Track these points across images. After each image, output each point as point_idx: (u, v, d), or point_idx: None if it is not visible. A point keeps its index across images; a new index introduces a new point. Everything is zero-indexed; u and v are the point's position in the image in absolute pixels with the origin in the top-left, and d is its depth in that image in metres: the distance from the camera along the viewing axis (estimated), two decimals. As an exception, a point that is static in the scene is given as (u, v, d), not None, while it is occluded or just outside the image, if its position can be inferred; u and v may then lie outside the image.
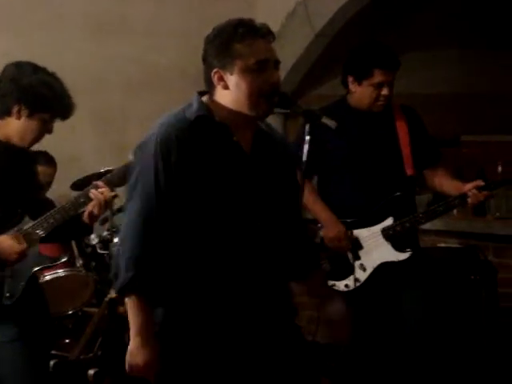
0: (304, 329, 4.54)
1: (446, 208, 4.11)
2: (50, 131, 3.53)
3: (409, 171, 4.13)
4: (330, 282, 4.07)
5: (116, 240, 5.12)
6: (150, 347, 2.64)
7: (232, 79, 2.63)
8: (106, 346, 4.79)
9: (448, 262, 4.89)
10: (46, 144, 3.83)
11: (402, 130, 4.15)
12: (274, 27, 6.62)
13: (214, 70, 2.63)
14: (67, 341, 4.93)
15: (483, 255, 4.88)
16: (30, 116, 3.44)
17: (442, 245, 5.12)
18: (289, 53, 6.32)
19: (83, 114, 5.95)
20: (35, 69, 3.50)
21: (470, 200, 4.01)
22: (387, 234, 4.08)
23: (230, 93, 2.64)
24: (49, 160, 5.11)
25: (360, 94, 4.08)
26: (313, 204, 4.13)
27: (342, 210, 4.11)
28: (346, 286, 4.08)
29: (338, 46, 6.19)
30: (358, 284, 4.07)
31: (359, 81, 4.05)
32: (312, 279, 2.94)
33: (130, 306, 2.66)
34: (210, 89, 2.69)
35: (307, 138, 2.62)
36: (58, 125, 3.57)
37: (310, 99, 6.41)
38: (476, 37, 6.53)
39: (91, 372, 4.60)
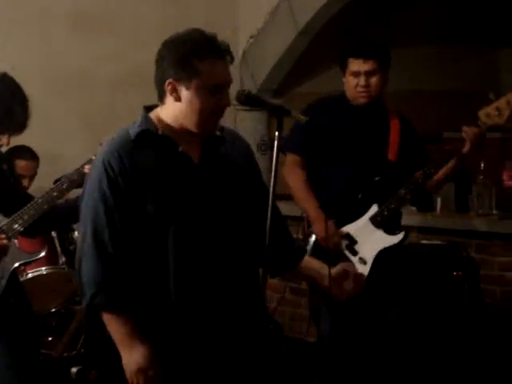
0: (284, 326, 4.55)
1: (424, 177, 4.07)
2: (6, 143, 3.52)
3: (390, 157, 4.14)
4: None
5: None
6: (140, 349, 2.63)
7: (186, 94, 2.62)
8: (89, 343, 4.78)
9: (431, 258, 4.91)
10: (32, 140, 3.82)
11: (394, 127, 4.19)
12: (257, 23, 6.75)
13: (169, 80, 2.62)
14: (50, 338, 4.92)
15: (466, 252, 4.89)
16: None
17: (425, 242, 5.13)
18: (272, 50, 6.32)
19: (69, 111, 6.00)
20: None
21: (465, 134, 3.97)
22: (376, 221, 4.08)
23: (181, 106, 2.64)
24: (31, 154, 5.11)
25: (346, 85, 4.16)
26: (303, 199, 4.13)
27: (331, 202, 4.09)
28: None
29: (322, 43, 6.21)
30: None
31: (343, 73, 4.16)
32: None
33: (106, 322, 2.66)
34: (159, 94, 2.68)
35: (276, 133, 2.60)
36: (43, 121, 3.56)
37: (293, 96, 6.42)
38: (458, 34, 6.56)
39: (74, 370, 4.59)
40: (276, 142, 2.57)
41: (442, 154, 4.09)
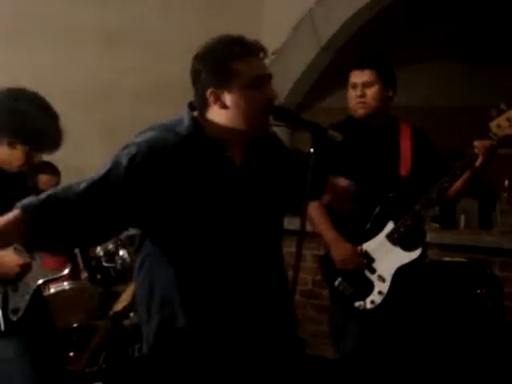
0: (308, 342, 4.55)
1: (438, 193, 3.99)
2: (35, 160, 3.51)
3: (403, 172, 4.09)
4: (356, 304, 4.04)
5: (122, 253, 5.13)
6: None
7: (230, 97, 2.60)
8: (111, 359, 4.78)
9: (454, 275, 4.87)
10: (53, 155, 3.83)
11: (405, 140, 4.15)
12: (280, 39, 6.76)
13: (210, 90, 2.60)
14: (72, 354, 4.92)
15: (489, 269, 4.86)
16: (10, 145, 3.42)
17: (448, 259, 5.10)
18: (294, 65, 6.33)
19: (91, 125, 6.03)
20: (17, 97, 3.45)
21: (477, 150, 3.89)
22: (393, 238, 4.04)
23: (227, 111, 2.61)
24: (53, 169, 5.14)
25: (348, 99, 4.14)
26: (319, 224, 4.11)
27: (349, 225, 4.07)
28: (372, 302, 4.02)
29: (344, 59, 6.20)
30: (382, 297, 4.02)
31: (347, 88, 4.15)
32: None
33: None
34: (202, 106, 2.66)
35: (311, 150, 2.60)
36: (66, 136, 3.56)
37: (315, 112, 6.42)
38: (476, 51, 6.55)
39: (96, 385, 4.59)
40: (311, 161, 2.57)
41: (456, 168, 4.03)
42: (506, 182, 5.08)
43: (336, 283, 4.09)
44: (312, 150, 2.60)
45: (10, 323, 3.45)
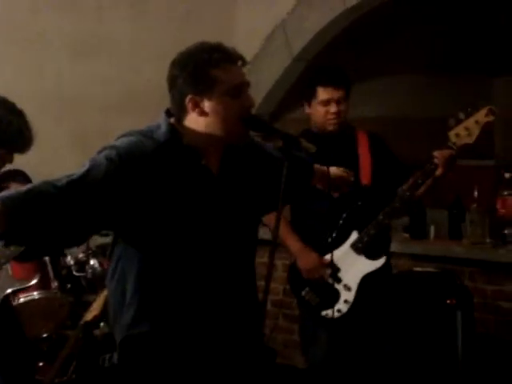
0: (279, 352, 4.56)
1: (400, 202, 4.05)
2: (10, 162, 3.51)
3: (364, 181, 4.15)
4: (323, 313, 4.09)
5: (92, 262, 5.11)
6: None
7: (209, 104, 2.60)
8: (81, 369, 4.75)
9: (424, 286, 4.90)
10: (25, 163, 3.81)
11: (362, 148, 4.21)
12: (253, 50, 6.77)
13: (189, 97, 2.60)
14: (41, 364, 4.88)
15: (459, 280, 4.89)
16: None
17: (418, 269, 5.13)
18: (267, 75, 6.34)
19: (63, 134, 5.99)
20: None
21: (436, 160, 3.96)
22: (357, 247, 4.10)
23: (206, 118, 2.62)
24: (24, 177, 5.09)
25: (313, 115, 4.19)
26: (284, 235, 4.13)
27: (313, 237, 4.14)
28: (339, 310, 4.09)
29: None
30: (348, 305, 4.09)
31: (309, 103, 4.19)
32: None
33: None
34: (179, 113, 2.65)
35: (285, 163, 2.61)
36: (37, 145, 3.55)
37: (286, 123, 6.43)
38: (446, 62, 6.61)
39: (65, 396, 4.56)
40: (284, 171, 2.58)
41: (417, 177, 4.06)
42: (476, 193, 5.11)
43: (303, 293, 4.13)
44: (286, 163, 2.61)
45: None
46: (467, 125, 3.92)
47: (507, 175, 5.19)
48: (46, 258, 4.89)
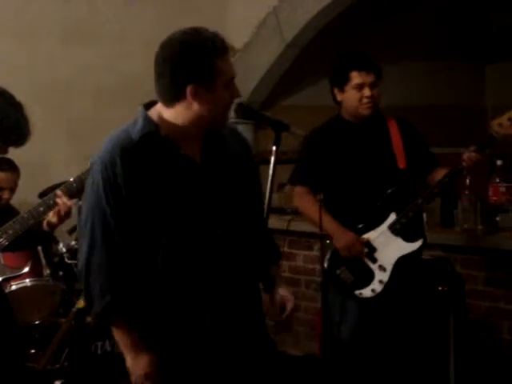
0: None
1: (440, 187, 4.17)
2: (4, 152, 3.50)
3: (401, 165, 4.22)
4: (356, 292, 4.17)
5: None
6: (145, 357, 2.67)
7: (208, 95, 2.57)
8: (73, 356, 4.75)
9: (416, 272, 4.90)
10: (15, 150, 3.81)
11: (394, 134, 4.27)
12: (245, 37, 6.75)
13: (191, 86, 2.55)
14: (33, 351, 4.89)
15: (451, 267, 4.89)
16: None
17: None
18: (259, 62, 6.33)
19: (53, 121, 5.98)
20: None
21: (464, 163, 4.08)
22: (394, 229, 4.17)
23: (198, 107, 2.59)
24: (10, 165, 5.05)
25: (346, 100, 4.20)
26: (318, 218, 4.17)
27: (349, 219, 4.20)
28: (373, 290, 4.17)
29: (309, 57, 6.22)
30: (383, 285, 4.16)
31: (342, 88, 4.20)
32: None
33: (116, 330, 2.69)
34: (170, 99, 2.61)
35: (273, 148, 2.61)
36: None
37: (280, 109, 6.43)
38: (445, 49, 6.60)
39: (57, 383, 4.56)
40: (273, 158, 2.58)
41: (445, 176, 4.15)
42: (468, 181, 5.11)
43: (338, 271, 4.21)
44: (274, 148, 2.61)
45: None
46: (511, 115, 3.97)
47: (499, 162, 5.20)
48: (39, 247, 4.88)
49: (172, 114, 2.62)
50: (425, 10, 6.41)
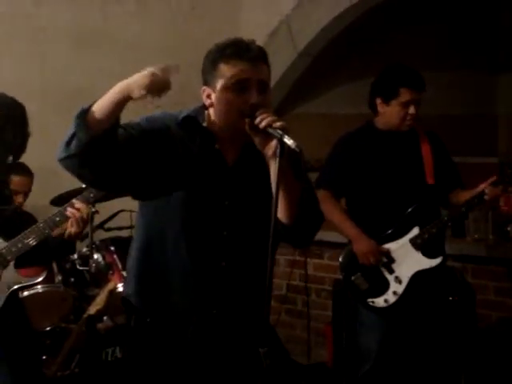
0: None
1: (467, 207, 4.18)
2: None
3: (430, 180, 4.23)
4: (369, 300, 4.18)
5: (96, 256, 5.12)
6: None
7: (214, 97, 2.65)
8: (84, 363, 4.76)
9: (426, 283, 4.89)
10: (27, 155, 3.83)
11: (425, 148, 4.29)
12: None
13: (203, 88, 2.68)
14: (44, 357, 4.90)
15: (461, 277, 4.89)
16: None
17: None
18: (271, 71, 6.34)
19: (66, 127, 5.97)
20: None
21: (487, 197, 4.10)
22: (416, 243, 4.19)
23: (213, 109, 2.67)
24: (25, 169, 5.07)
25: (389, 114, 4.19)
26: (340, 222, 4.21)
27: (371, 228, 4.22)
28: (386, 300, 4.18)
29: (321, 65, 6.23)
30: (396, 297, 4.17)
31: (387, 101, 4.18)
32: None
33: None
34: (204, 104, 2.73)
35: (277, 159, 2.61)
36: (40, 137, 3.56)
37: (291, 117, 6.43)
38: (456, 59, 6.59)
39: (68, 389, 4.58)
40: (277, 165, 2.56)
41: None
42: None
43: (353, 277, 4.22)
44: (278, 159, 2.58)
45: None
46: None
47: (510, 172, 5.19)
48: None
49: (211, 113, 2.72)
50: (438, 19, 6.40)
